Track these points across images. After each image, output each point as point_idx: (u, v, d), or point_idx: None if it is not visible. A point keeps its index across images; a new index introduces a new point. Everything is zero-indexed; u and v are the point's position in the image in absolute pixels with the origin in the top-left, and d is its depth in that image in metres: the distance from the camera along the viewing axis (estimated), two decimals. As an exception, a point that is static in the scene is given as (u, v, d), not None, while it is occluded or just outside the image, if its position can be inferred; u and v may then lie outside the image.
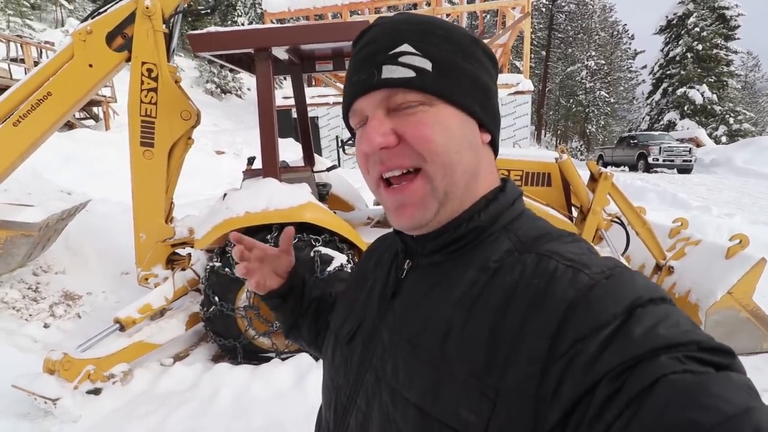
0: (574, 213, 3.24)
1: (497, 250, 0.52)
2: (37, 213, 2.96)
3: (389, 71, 0.50)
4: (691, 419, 0.30)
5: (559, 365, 0.39)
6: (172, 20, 2.89)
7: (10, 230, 2.86)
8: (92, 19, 2.76)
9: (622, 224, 3.21)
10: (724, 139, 21.46)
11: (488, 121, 0.55)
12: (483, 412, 0.42)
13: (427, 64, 0.50)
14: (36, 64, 6.80)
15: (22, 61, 10.38)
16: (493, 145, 0.58)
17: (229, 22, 23.30)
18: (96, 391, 2.33)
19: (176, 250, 3.12)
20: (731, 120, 22.27)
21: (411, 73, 0.50)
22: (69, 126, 9.99)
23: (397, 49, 0.51)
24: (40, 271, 3.46)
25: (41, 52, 11.06)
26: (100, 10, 2.79)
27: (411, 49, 0.51)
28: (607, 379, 0.36)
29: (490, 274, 0.50)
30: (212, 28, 2.68)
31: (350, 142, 4.02)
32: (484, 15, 22.32)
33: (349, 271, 2.61)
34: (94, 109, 12.47)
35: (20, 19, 17.03)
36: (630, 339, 0.37)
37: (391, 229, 0.67)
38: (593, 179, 3.09)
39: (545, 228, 0.54)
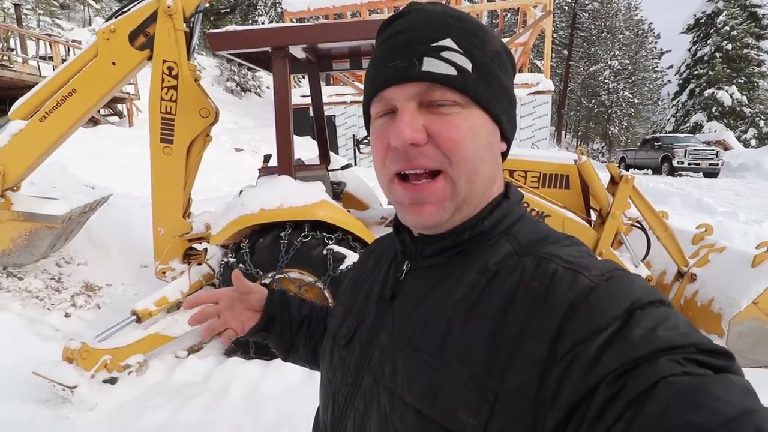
0: (593, 216, 3.17)
1: (497, 253, 0.51)
2: (61, 206, 3.06)
3: (431, 64, 0.48)
4: (691, 421, 0.30)
5: (559, 368, 0.39)
6: (192, 19, 2.94)
7: (36, 222, 2.96)
8: (116, 18, 2.83)
9: (642, 229, 3.12)
10: (753, 142, 20.65)
11: (510, 131, 0.55)
12: (482, 415, 0.42)
13: (468, 65, 0.49)
14: (64, 62, 7.02)
15: (51, 59, 10.72)
16: (504, 154, 0.58)
17: (250, 21, 23.63)
18: (112, 381, 2.39)
19: (193, 245, 3.18)
20: (762, 123, 21.41)
21: (453, 71, 0.48)
22: (94, 122, 10.31)
23: (440, 43, 0.49)
24: (62, 262, 3.57)
25: (69, 50, 11.41)
26: (124, 10, 2.86)
27: (454, 46, 0.49)
28: (607, 382, 0.36)
29: (490, 276, 0.49)
30: (231, 27, 2.71)
31: (365, 140, 4.01)
32: (504, 13, 22.06)
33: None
34: (118, 105, 12.83)
35: (50, 18, 17.64)
36: (630, 341, 0.37)
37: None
38: (613, 182, 3.01)
39: (544, 231, 0.53)
